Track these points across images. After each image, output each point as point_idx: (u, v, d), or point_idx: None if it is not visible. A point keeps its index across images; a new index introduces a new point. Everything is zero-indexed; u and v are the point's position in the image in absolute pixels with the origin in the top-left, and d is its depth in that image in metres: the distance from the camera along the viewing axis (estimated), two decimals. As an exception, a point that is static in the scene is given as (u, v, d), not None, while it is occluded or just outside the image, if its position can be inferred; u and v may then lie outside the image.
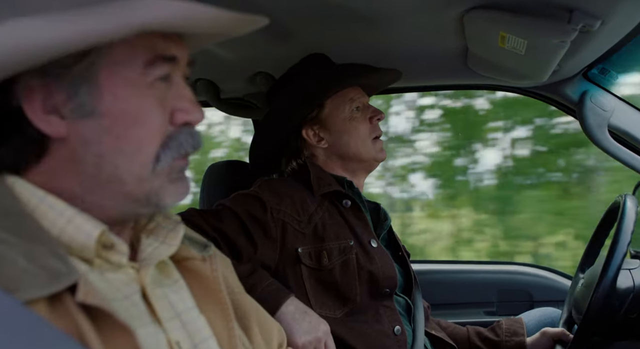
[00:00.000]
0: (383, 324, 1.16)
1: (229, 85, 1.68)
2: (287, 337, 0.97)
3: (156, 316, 0.58)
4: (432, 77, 1.67)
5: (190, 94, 0.62)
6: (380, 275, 1.17)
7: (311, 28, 1.25)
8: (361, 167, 1.32)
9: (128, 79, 0.55)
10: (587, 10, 0.99)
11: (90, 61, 0.54)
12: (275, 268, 1.14)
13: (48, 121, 0.54)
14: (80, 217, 0.54)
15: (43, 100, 0.54)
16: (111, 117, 0.55)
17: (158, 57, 0.57)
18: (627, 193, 1.23)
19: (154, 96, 0.57)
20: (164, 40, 0.58)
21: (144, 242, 0.63)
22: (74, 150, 0.55)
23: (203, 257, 0.67)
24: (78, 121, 0.54)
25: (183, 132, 0.59)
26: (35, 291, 0.45)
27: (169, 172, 0.58)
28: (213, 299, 0.66)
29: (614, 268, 1.08)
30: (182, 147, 0.59)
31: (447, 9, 1.11)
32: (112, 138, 0.55)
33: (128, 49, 0.55)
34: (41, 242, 0.50)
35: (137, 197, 0.57)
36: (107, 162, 0.55)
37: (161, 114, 0.58)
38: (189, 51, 0.64)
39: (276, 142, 1.34)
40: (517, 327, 1.37)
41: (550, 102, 1.59)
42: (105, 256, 0.56)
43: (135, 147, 0.56)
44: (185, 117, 0.59)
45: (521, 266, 2.03)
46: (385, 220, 1.34)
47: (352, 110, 1.29)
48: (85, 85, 0.54)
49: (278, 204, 1.15)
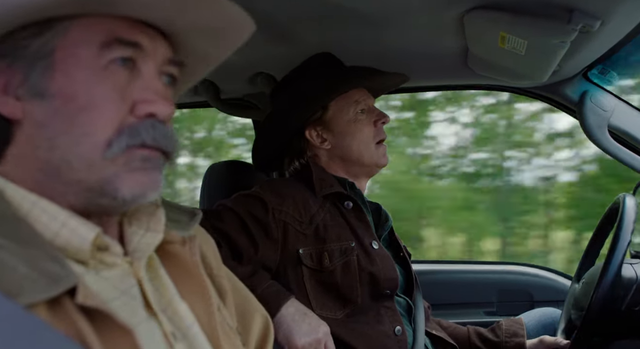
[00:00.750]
0: (384, 325, 1.16)
1: (229, 85, 1.68)
2: (287, 338, 0.97)
3: (152, 309, 0.58)
4: (432, 77, 1.67)
5: (159, 86, 0.59)
6: (381, 276, 1.17)
7: (311, 28, 1.25)
8: (362, 172, 1.32)
9: (82, 59, 0.54)
10: (587, 10, 0.99)
11: (45, 40, 0.54)
12: (276, 268, 1.14)
13: (5, 102, 0.54)
14: (74, 220, 0.54)
15: (4, 82, 0.54)
16: (62, 99, 0.53)
17: (115, 40, 0.55)
18: (627, 193, 1.23)
19: (108, 80, 0.55)
20: (128, 27, 0.57)
21: (127, 231, 0.61)
22: (28, 134, 0.54)
23: (183, 240, 0.65)
24: (31, 101, 0.54)
25: (144, 123, 0.56)
26: (36, 295, 0.45)
27: (126, 160, 0.55)
28: (193, 284, 0.64)
29: (614, 267, 1.08)
30: (140, 136, 0.55)
31: (447, 9, 1.11)
32: (63, 120, 0.53)
33: (85, 29, 0.55)
34: (37, 246, 0.50)
35: (90, 185, 0.54)
36: (57, 145, 0.53)
37: (116, 100, 0.55)
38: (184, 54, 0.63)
39: (279, 142, 1.34)
40: (517, 328, 1.36)
41: (550, 102, 1.59)
42: (100, 258, 0.56)
43: (84, 130, 0.53)
44: (147, 109, 0.56)
45: (521, 266, 2.03)
46: (386, 221, 1.34)
47: (356, 112, 1.28)
48: (40, 64, 0.54)
49: (280, 204, 1.15)
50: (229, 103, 1.78)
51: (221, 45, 0.66)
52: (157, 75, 0.60)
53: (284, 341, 0.97)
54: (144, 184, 0.56)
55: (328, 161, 1.30)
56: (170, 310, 0.61)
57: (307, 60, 1.33)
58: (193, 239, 0.67)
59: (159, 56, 0.60)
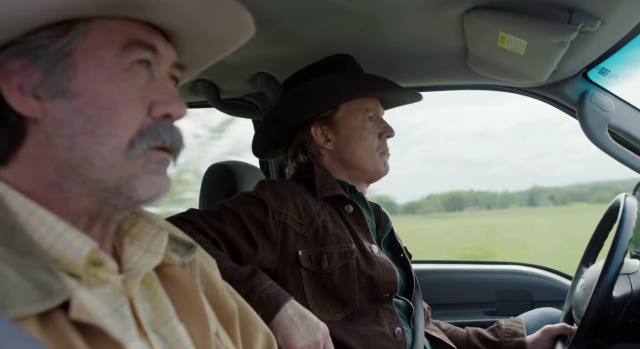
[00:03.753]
0: (383, 326, 1.16)
1: (229, 85, 1.68)
2: (286, 341, 0.97)
3: (142, 329, 0.57)
4: (432, 77, 1.67)
5: (172, 88, 0.61)
6: (380, 280, 1.17)
7: (312, 28, 1.25)
8: (363, 178, 1.32)
9: (103, 60, 0.55)
10: (586, 10, 0.99)
11: (67, 41, 0.54)
12: (275, 270, 1.14)
13: (24, 101, 0.54)
14: (71, 233, 0.53)
15: (20, 80, 0.54)
16: (84, 98, 0.54)
17: (135, 42, 0.57)
18: (627, 193, 1.23)
19: (130, 82, 0.56)
20: (145, 31, 0.59)
21: (127, 250, 0.62)
22: (47, 133, 0.54)
23: (183, 263, 0.66)
24: (51, 101, 0.54)
25: (162, 125, 0.58)
26: (29, 308, 0.44)
27: (146, 162, 0.56)
28: (191, 307, 0.64)
29: (614, 267, 1.07)
30: (160, 137, 0.57)
31: (447, 9, 1.11)
32: (84, 119, 0.54)
33: (105, 33, 0.56)
34: (33, 256, 0.48)
35: (109, 184, 0.55)
36: (78, 144, 0.54)
37: (137, 102, 0.56)
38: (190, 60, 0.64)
39: (284, 132, 1.33)
40: (517, 327, 1.36)
41: (550, 103, 1.59)
42: (94, 273, 0.55)
43: (107, 130, 0.54)
44: (165, 109, 0.58)
45: (521, 266, 2.03)
46: (386, 223, 1.34)
47: (365, 119, 1.28)
48: (61, 64, 0.54)
49: (280, 206, 1.15)
50: (229, 103, 1.78)
51: (222, 48, 0.68)
52: (168, 77, 0.62)
53: (282, 343, 0.97)
54: (159, 186, 0.58)
55: (330, 162, 1.30)
56: (166, 330, 0.60)
57: (328, 58, 1.33)
58: (193, 262, 0.67)
59: (169, 60, 0.61)
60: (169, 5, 0.57)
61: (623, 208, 1.16)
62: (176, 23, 0.60)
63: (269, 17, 1.15)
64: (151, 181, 0.57)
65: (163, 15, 0.58)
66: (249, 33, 0.64)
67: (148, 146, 0.56)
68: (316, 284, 1.14)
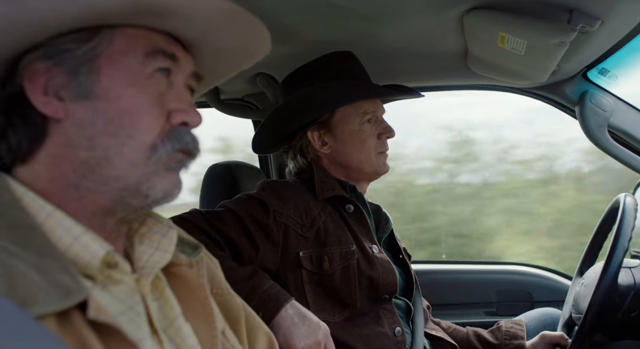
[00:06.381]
0: (383, 326, 1.16)
1: (229, 86, 1.68)
2: (287, 341, 0.97)
3: (154, 327, 0.58)
4: (432, 77, 1.67)
5: (189, 98, 0.63)
6: (381, 281, 1.17)
7: (311, 28, 1.25)
8: (363, 177, 1.31)
9: (127, 66, 0.57)
10: (586, 10, 0.99)
11: (93, 46, 0.56)
12: (276, 271, 1.14)
13: (47, 102, 0.56)
14: (87, 236, 0.54)
15: (45, 82, 0.56)
16: (106, 101, 0.56)
17: (158, 50, 0.59)
18: (627, 193, 1.23)
19: (152, 89, 0.58)
20: (165, 40, 0.61)
21: (138, 249, 0.63)
22: (68, 134, 0.56)
23: (190, 263, 0.67)
24: (74, 102, 0.56)
25: (183, 130, 0.60)
26: (48, 307, 0.45)
27: (168, 160, 0.59)
28: (198, 306, 0.65)
29: (615, 266, 1.08)
30: (184, 140, 0.60)
31: (447, 9, 1.11)
32: (105, 121, 0.55)
33: (130, 39, 0.58)
34: (51, 257, 0.50)
35: (128, 182, 0.56)
36: (98, 144, 0.55)
37: (158, 108, 0.58)
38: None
39: (281, 134, 1.33)
40: (517, 330, 1.36)
41: (550, 103, 1.59)
42: (108, 274, 0.57)
43: (128, 131, 0.56)
44: (182, 117, 0.60)
45: (521, 266, 2.03)
46: (386, 223, 1.34)
47: (362, 122, 1.26)
48: (85, 67, 0.56)
49: (281, 207, 1.15)
50: (229, 104, 1.78)
51: (238, 62, 0.71)
52: (185, 86, 0.64)
53: (283, 343, 0.97)
54: (175, 183, 0.60)
55: (329, 164, 1.30)
56: (172, 330, 0.61)
57: (328, 55, 1.31)
58: (200, 261, 0.68)
59: (187, 69, 0.64)
60: (188, 14, 0.58)
61: (623, 208, 1.16)
62: (194, 34, 0.62)
63: (269, 17, 1.15)
64: (169, 179, 0.59)
65: (182, 26, 0.60)
66: (266, 49, 0.67)
67: (173, 148, 0.59)
68: (317, 285, 1.14)
